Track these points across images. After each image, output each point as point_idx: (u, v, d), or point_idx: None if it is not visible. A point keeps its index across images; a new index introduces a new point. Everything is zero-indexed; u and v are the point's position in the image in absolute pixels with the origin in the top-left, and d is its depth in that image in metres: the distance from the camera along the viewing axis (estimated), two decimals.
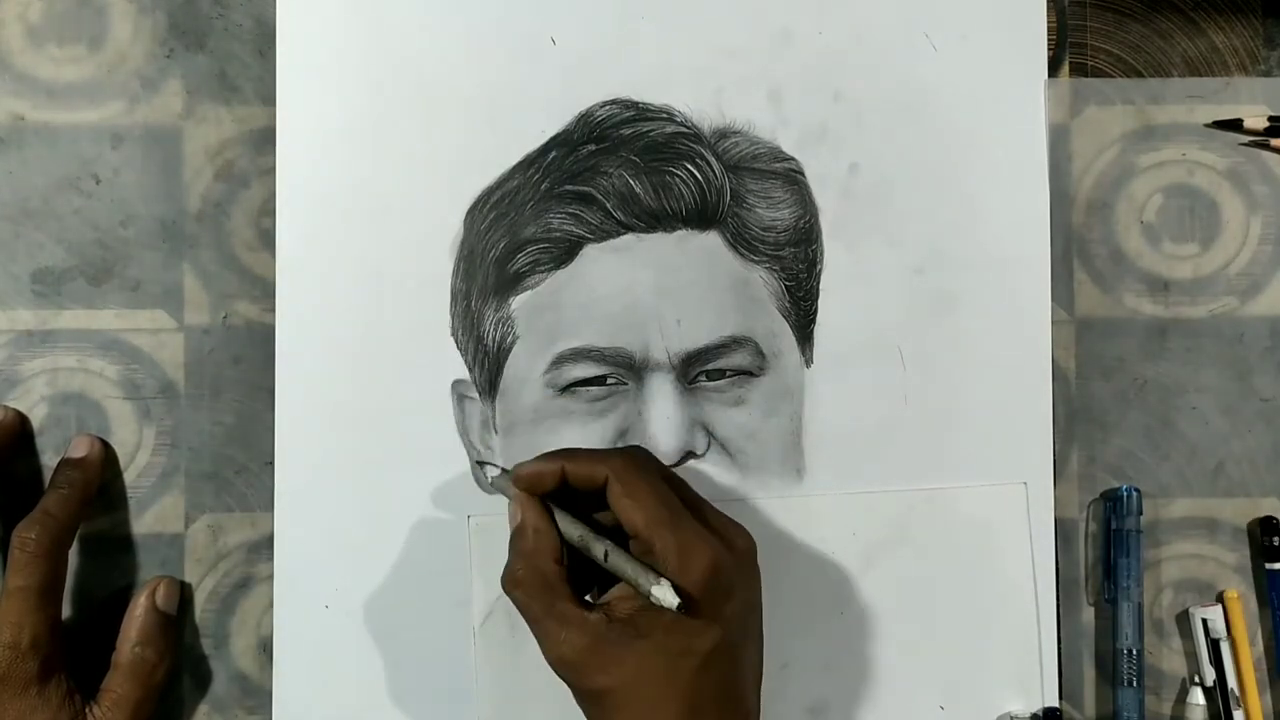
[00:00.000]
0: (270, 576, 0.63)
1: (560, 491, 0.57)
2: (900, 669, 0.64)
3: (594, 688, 0.53)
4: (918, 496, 0.64)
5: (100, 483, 0.63)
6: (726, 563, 0.54)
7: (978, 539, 0.64)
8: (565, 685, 0.55)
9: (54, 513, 0.60)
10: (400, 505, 0.63)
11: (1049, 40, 0.65)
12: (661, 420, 0.63)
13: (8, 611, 0.58)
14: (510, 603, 0.56)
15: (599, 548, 0.55)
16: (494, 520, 0.63)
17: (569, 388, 0.63)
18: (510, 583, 0.56)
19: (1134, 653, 0.63)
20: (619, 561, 0.54)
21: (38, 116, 0.64)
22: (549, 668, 0.54)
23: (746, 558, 0.56)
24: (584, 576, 0.57)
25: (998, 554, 0.64)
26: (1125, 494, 0.64)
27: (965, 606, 0.64)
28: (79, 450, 0.62)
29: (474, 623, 0.63)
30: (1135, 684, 0.63)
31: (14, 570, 0.58)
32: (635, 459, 0.57)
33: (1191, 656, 0.65)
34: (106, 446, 0.63)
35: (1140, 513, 0.64)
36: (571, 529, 0.56)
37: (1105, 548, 0.64)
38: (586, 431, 0.63)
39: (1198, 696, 0.64)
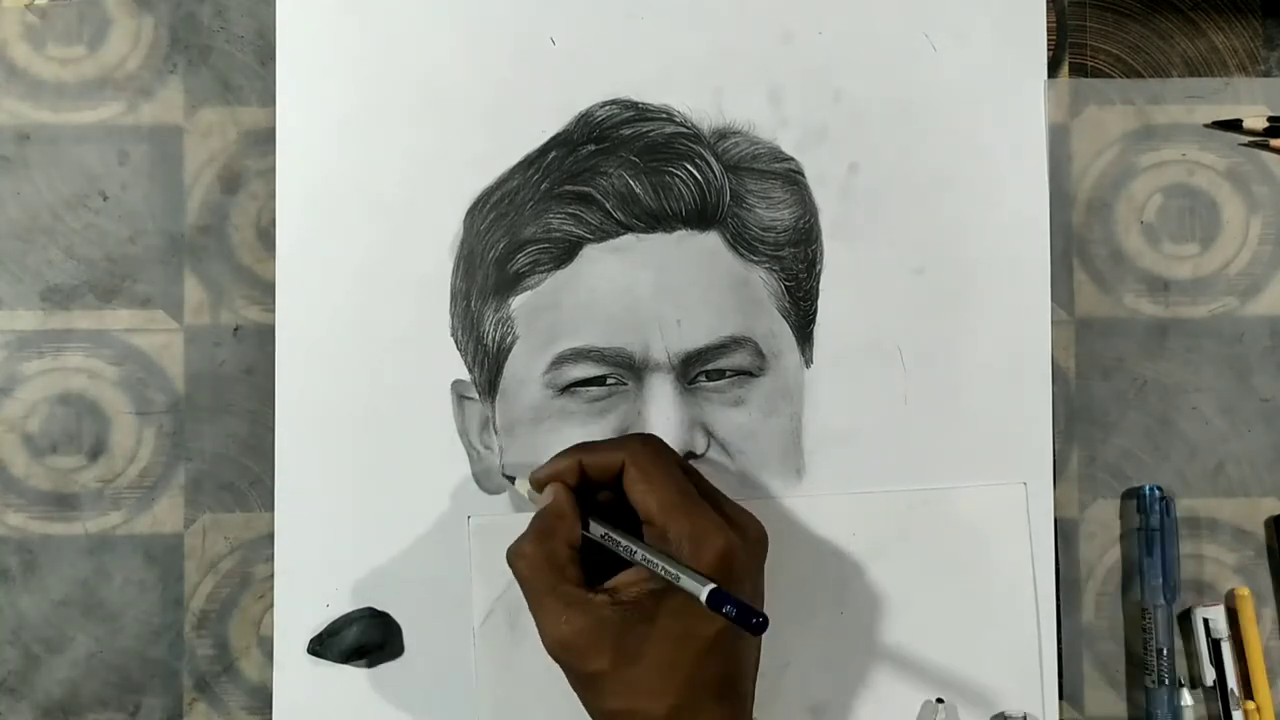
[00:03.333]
0: (270, 576, 0.63)
1: (578, 487, 0.57)
2: (900, 669, 0.64)
3: (592, 670, 0.53)
4: (917, 497, 0.64)
5: None
6: (739, 551, 0.54)
7: (977, 539, 0.64)
8: (564, 684, 0.55)
9: None
10: (400, 505, 0.63)
11: (1049, 40, 0.65)
12: (661, 420, 0.63)
13: None
14: (510, 603, 0.56)
15: (625, 540, 0.55)
16: (493, 521, 0.63)
17: (569, 388, 0.63)
18: (515, 555, 0.55)
19: (1164, 652, 0.63)
20: (645, 551, 0.54)
21: (43, 130, 0.64)
22: (547, 666, 0.54)
23: (758, 547, 0.57)
24: (594, 575, 0.56)
25: (997, 554, 0.64)
26: (1148, 493, 0.64)
27: (965, 607, 0.64)
28: None
29: (474, 623, 0.63)
30: (1166, 683, 0.63)
31: None
32: (651, 446, 0.57)
33: (1192, 656, 0.65)
34: None
35: (1166, 512, 0.64)
36: (596, 526, 0.56)
37: (1139, 547, 0.64)
38: (586, 431, 0.63)
39: (1186, 698, 0.64)
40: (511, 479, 0.62)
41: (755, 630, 0.50)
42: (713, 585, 0.51)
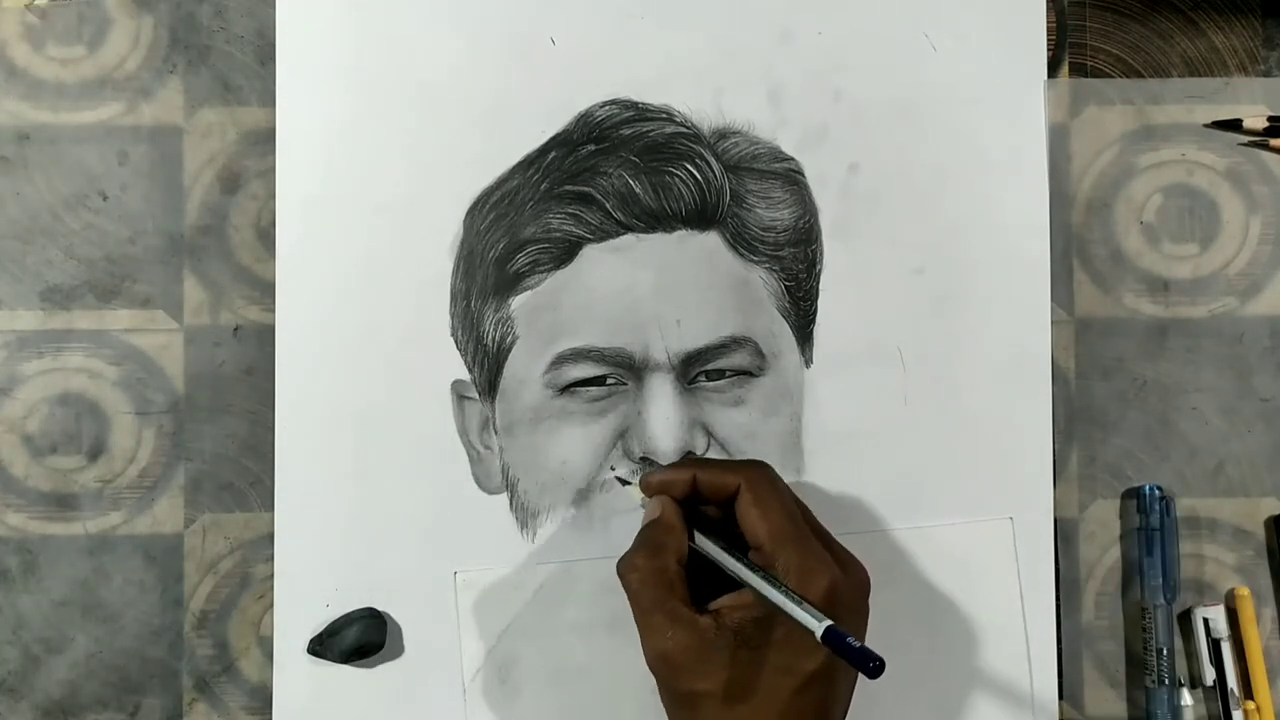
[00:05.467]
0: (270, 576, 0.63)
1: (686, 500, 0.58)
2: (888, 712, 0.63)
3: (688, 689, 0.53)
4: (902, 536, 0.63)
5: None
6: (843, 590, 0.54)
7: (965, 578, 0.64)
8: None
9: None
10: (400, 505, 0.63)
11: (1049, 40, 0.65)
12: (661, 420, 0.63)
13: None
14: (500, 658, 0.56)
15: (738, 565, 0.55)
16: (481, 576, 0.63)
17: (569, 388, 0.63)
18: (627, 567, 0.56)
19: (1164, 651, 0.63)
20: (759, 579, 0.53)
21: (43, 130, 0.64)
22: None
23: (860, 591, 0.56)
24: (697, 590, 0.56)
25: (986, 593, 0.64)
26: (1148, 492, 0.64)
27: (954, 648, 0.64)
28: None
29: (464, 679, 0.63)
30: (1166, 683, 0.63)
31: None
32: (767, 472, 0.57)
33: (1192, 656, 0.65)
34: None
35: (1166, 512, 0.64)
36: (708, 543, 0.56)
37: (1139, 547, 0.64)
38: (586, 431, 0.63)
39: (1186, 698, 0.64)
40: (625, 482, 0.62)
41: (871, 674, 0.49)
42: (829, 622, 0.50)
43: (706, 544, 0.56)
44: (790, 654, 0.53)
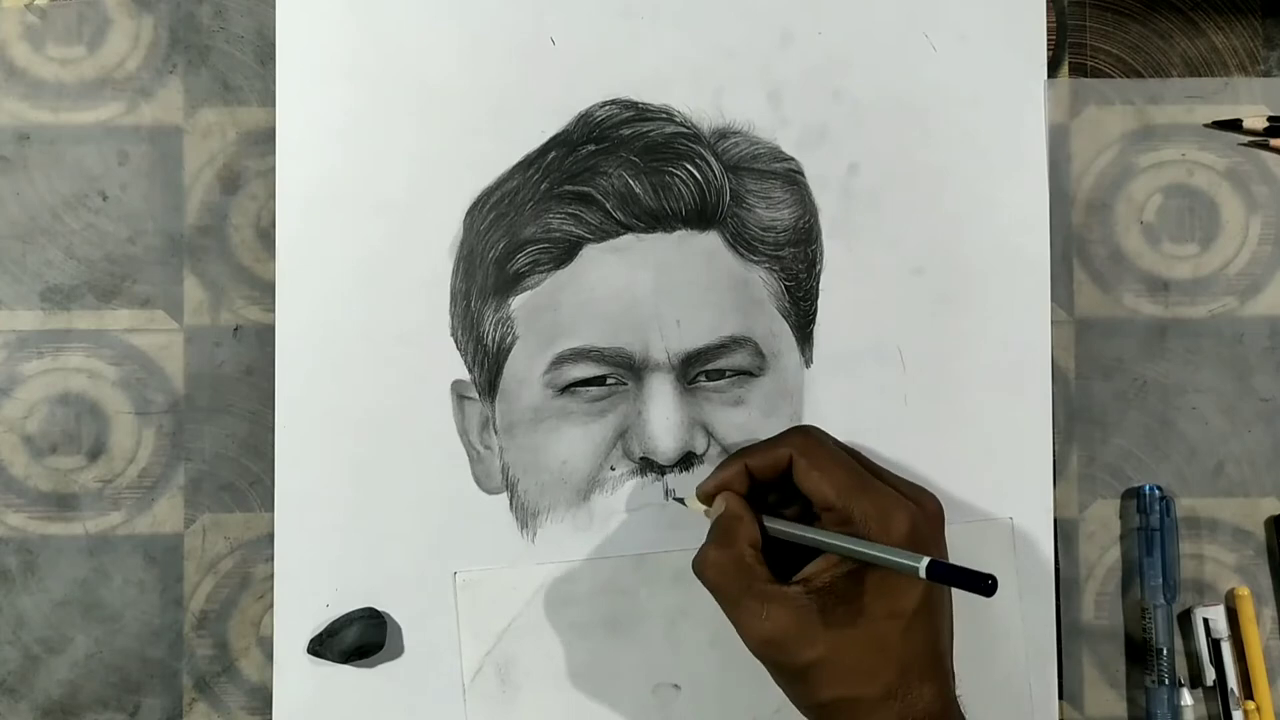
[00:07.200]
0: (270, 576, 0.63)
1: (748, 492, 0.57)
2: None
3: (802, 662, 0.53)
4: None
5: None
6: (922, 522, 0.54)
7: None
8: None
9: None
10: (400, 505, 0.63)
11: (1049, 40, 0.65)
12: (661, 420, 0.63)
13: None
14: (499, 658, 0.56)
15: (814, 533, 0.55)
16: (481, 575, 0.63)
17: (568, 388, 0.63)
18: (702, 563, 0.56)
19: (1164, 652, 0.63)
20: (840, 538, 0.54)
21: (43, 130, 0.64)
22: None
23: (937, 520, 0.57)
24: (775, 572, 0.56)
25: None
26: (1148, 492, 0.64)
27: (953, 646, 0.63)
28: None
29: (463, 679, 0.63)
30: (1166, 683, 0.63)
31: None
32: (813, 435, 0.57)
33: (1192, 656, 0.65)
34: None
35: (1166, 512, 0.64)
36: (780, 524, 0.56)
37: (1139, 547, 0.64)
38: (586, 431, 0.63)
39: (1186, 698, 0.64)
40: (681, 500, 0.62)
41: (988, 592, 0.49)
42: (928, 559, 0.50)
43: (779, 524, 0.56)
44: (889, 597, 0.53)
